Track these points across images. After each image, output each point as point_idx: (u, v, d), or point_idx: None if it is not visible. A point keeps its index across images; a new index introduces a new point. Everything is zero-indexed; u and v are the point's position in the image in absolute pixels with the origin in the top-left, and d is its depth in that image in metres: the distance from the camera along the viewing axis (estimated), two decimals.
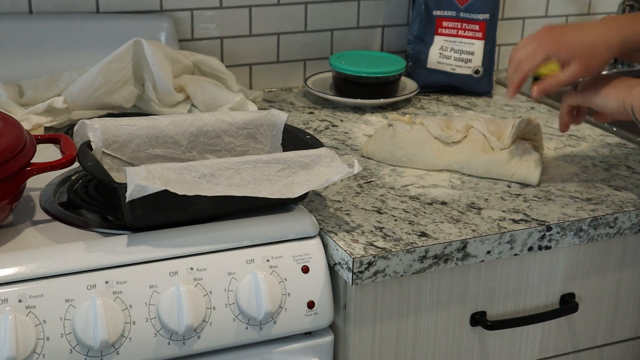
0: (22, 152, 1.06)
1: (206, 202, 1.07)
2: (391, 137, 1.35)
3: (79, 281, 1.01)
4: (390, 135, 1.35)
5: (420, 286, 1.16)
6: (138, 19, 1.58)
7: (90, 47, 1.52)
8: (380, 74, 1.62)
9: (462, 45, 1.67)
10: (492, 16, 1.66)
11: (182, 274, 1.05)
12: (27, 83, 1.46)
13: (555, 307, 1.26)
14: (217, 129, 1.25)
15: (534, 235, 1.17)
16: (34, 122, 1.38)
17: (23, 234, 1.09)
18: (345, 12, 1.75)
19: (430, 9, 1.68)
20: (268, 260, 1.09)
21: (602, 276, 1.28)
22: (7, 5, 1.52)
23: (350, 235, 1.13)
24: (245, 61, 1.71)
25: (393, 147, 1.34)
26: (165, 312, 1.03)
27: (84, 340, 0.99)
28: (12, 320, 0.96)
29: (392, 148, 1.34)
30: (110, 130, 1.18)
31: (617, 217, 1.22)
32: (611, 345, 1.34)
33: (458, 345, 1.21)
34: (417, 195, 1.25)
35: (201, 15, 1.64)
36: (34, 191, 1.19)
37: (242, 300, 1.06)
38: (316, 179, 1.11)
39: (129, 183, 1.01)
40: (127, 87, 1.47)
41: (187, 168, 1.06)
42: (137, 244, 1.05)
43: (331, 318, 1.13)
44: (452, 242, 1.13)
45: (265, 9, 1.68)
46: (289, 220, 1.12)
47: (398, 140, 1.34)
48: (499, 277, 1.21)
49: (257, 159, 1.11)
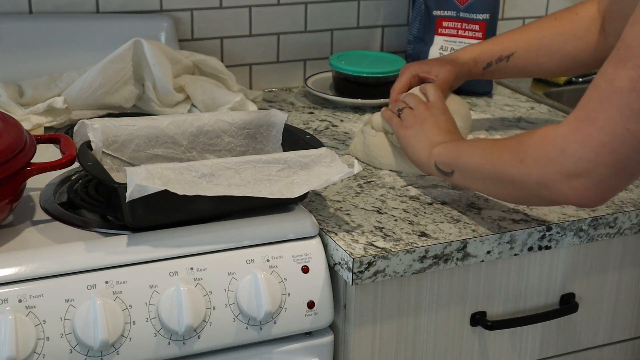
0: (22, 152, 1.06)
1: (206, 202, 1.07)
2: (362, 143, 1.36)
3: (79, 281, 1.01)
4: (362, 141, 1.36)
5: (420, 286, 1.16)
6: (138, 19, 1.58)
7: (90, 47, 1.52)
8: (380, 74, 1.62)
9: (462, 45, 1.67)
10: (492, 16, 1.66)
11: (182, 274, 1.05)
12: (27, 83, 1.46)
13: (555, 307, 1.26)
14: (217, 129, 1.25)
15: (534, 235, 1.17)
16: (34, 122, 1.38)
17: (23, 234, 1.09)
18: (345, 12, 1.75)
19: (430, 9, 1.68)
20: (268, 260, 1.09)
21: (602, 276, 1.28)
22: (7, 5, 1.52)
23: (350, 235, 1.13)
24: (245, 61, 1.71)
25: (365, 152, 1.36)
26: (165, 312, 1.03)
27: (84, 340, 0.99)
28: (12, 320, 0.96)
29: (365, 154, 1.36)
30: (110, 130, 1.18)
31: (617, 217, 1.22)
32: (611, 345, 1.34)
33: (458, 345, 1.21)
34: (417, 195, 1.25)
35: (201, 15, 1.64)
36: (34, 191, 1.19)
37: (242, 300, 1.06)
38: (316, 179, 1.11)
39: (129, 183, 1.01)
40: (127, 87, 1.47)
41: (187, 168, 1.06)
42: (137, 244, 1.05)
43: (331, 318, 1.13)
44: (452, 242, 1.13)
45: (265, 9, 1.68)
46: (289, 220, 1.12)
47: (368, 145, 1.35)
48: (499, 277, 1.21)
49: (257, 159, 1.11)
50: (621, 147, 0.92)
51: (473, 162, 1.11)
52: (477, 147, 1.12)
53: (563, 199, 0.99)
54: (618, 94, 0.91)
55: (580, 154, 0.94)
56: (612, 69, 0.92)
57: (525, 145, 1.01)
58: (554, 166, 0.97)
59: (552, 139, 0.97)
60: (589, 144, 0.93)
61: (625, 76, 0.91)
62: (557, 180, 0.97)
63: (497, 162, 1.06)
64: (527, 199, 1.08)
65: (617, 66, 0.91)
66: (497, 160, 1.06)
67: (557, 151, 0.96)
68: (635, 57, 0.90)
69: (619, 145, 0.92)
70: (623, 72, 0.91)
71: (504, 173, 1.05)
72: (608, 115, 0.92)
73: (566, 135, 0.95)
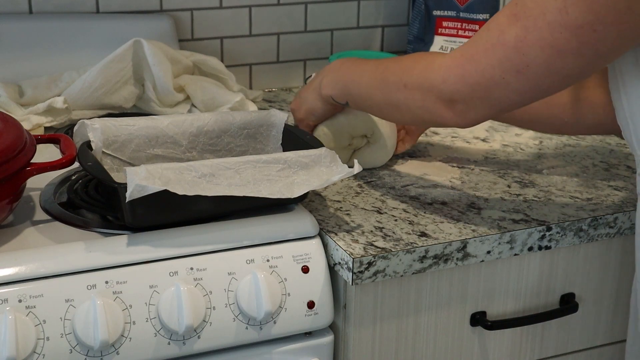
0: (22, 152, 1.06)
1: (206, 202, 1.07)
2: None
3: (79, 281, 1.01)
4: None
5: (420, 286, 1.16)
6: (138, 19, 1.58)
7: (90, 47, 1.52)
8: None
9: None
10: (492, 16, 1.66)
11: (182, 274, 1.05)
12: (27, 83, 1.46)
13: (555, 307, 1.26)
14: (217, 129, 1.25)
15: (534, 235, 1.17)
16: (34, 122, 1.38)
17: (23, 234, 1.09)
18: (345, 12, 1.75)
19: (430, 9, 1.68)
20: (268, 260, 1.09)
21: (602, 276, 1.28)
22: (7, 5, 1.52)
23: (350, 235, 1.13)
24: (245, 61, 1.71)
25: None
26: (165, 312, 1.03)
27: (84, 340, 0.99)
28: (12, 320, 0.96)
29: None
30: (110, 130, 1.18)
31: (617, 217, 1.22)
32: (611, 345, 1.34)
33: (458, 345, 1.21)
34: (417, 195, 1.25)
35: (201, 15, 1.64)
36: (34, 191, 1.19)
37: (242, 300, 1.06)
38: (316, 179, 1.11)
39: (129, 183, 1.01)
40: (127, 87, 1.47)
41: (187, 168, 1.06)
42: (137, 244, 1.05)
43: (331, 318, 1.13)
44: (452, 242, 1.13)
45: (265, 9, 1.69)
46: (289, 220, 1.12)
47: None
48: (499, 277, 1.21)
49: (257, 159, 1.11)
50: (495, 91, 1.02)
51: (362, 92, 1.19)
52: (362, 74, 1.19)
53: (441, 120, 1.08)
54: (504, 46, 0.98)
55: (459, 86, 1.03)
56: (504, 21, 0.99)
57: (410, 71, 1.10)
58: (434, 92, 1.06)
59: (437, 68, 1.06)
60: (468, 80, 1.02)
61: (513, 33, 0.97)
62: (437, 105, 1.07)
63: (384, 87, 1.14)
64: (412, 120, 1.20)
65: (509, 20, 0.98)
66: (383, 85, 1.14)
67: (439, 80, 1.05)
68: (525, 19, 0.96)
69: (493, 88, 1.02)
70: (512, 28, 0.97)
71: (390, 97, 1.13)
72: (490, 62, 1.00)
73: (449, 68, 1.04)
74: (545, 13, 0.94)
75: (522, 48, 0.97)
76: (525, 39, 0.96)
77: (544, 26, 0.95)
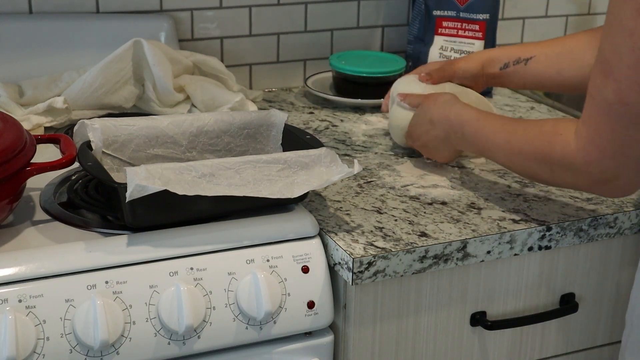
0: (22, 152, 1.06)
1: (206, 202, 1.07)
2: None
3: (79, 281, 1.01)
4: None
5: (420, 286, 1.16)
6: (138, 19, 1.58)
7: (90, 47, 1.52)
8: (380, 74, 1.62)
9: (462, 45, 1.67)
10: (492, 16, 1.66)
11: (182, 274, 1.05)
12: (27, 83, 1.46)
13: (555, 307, 1.26)
14: (217, 129, 1.25)
15: (534, 235, 1.17)
16: (34, 122, 1.38)
17: (23, 234, 1.09)
18: (345, 12, 1.75)
19: (430, 9, 1.68)
20: (268, 260, 1.09)
21: (602, 276, 1.28)
22: (7, 5, 1.52)
23: (350, 235, 1.13)
24: (245, 61, 1.71)
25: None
26: (165, 312, 1.03)
27: (84, 340, 0.99)
28: (12, 320, 0.96)
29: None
30: (110, 130, 1.18)
31: (617, 217, 1.22)
32: (611, 345, 1.34)
33: (458, 345, 1.21)
34: (417, 195, 1.25)
35: (201, 15, 1.64)
36: (34, 191, 1.19)
37: (242, 300, 1.06)
38: (316, 179, 1.11)
39: (129, 183, 1.01)
40: (127, 87, 1.47)
41: (187, 168, 1.06)
42: (137, 244, 1.05)
43: (331, 318, 1.13)
44: (452, 242, 1.13)
45: (265, 9, 1.68)
46: (289, 220, 1.12)
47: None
48: (499, 277, 1.21)
49: (257, 159, 1.11)
50: (631, 151, 1.02)
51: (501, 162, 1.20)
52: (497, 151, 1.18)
53: (601, 195, 1.14)
54: (610, 106, 1.00)
55: (604, 164, 1.04)
56: (600, 81, 1.01)
57: (550, 157, 1.09)
58: (584, 176, 1.07)
59: (575, 152, 1.05)
60: (607, 155, 1.03)
61: (610, 89, 0.99)
62: (591, 187, 1.09)
63: (527, 170, 1.15)
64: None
65: (602, 79, 1.00)
66: (527, 169, 1.15)
67: (583, 164, 1.05)
68: (613, 72, 0.98)
69: (628, 150, 1.02)
70: (608, 85, 0.99)
71: (536, 178, 1.16)
72: (610, 126, 1.01)
73: (586, 149, 1.04)
74: (622, 58, 0.97)
75: (623, 99, 0.98)
76: (620, 90, 0.98)
77: (626, 70, 0.97)
